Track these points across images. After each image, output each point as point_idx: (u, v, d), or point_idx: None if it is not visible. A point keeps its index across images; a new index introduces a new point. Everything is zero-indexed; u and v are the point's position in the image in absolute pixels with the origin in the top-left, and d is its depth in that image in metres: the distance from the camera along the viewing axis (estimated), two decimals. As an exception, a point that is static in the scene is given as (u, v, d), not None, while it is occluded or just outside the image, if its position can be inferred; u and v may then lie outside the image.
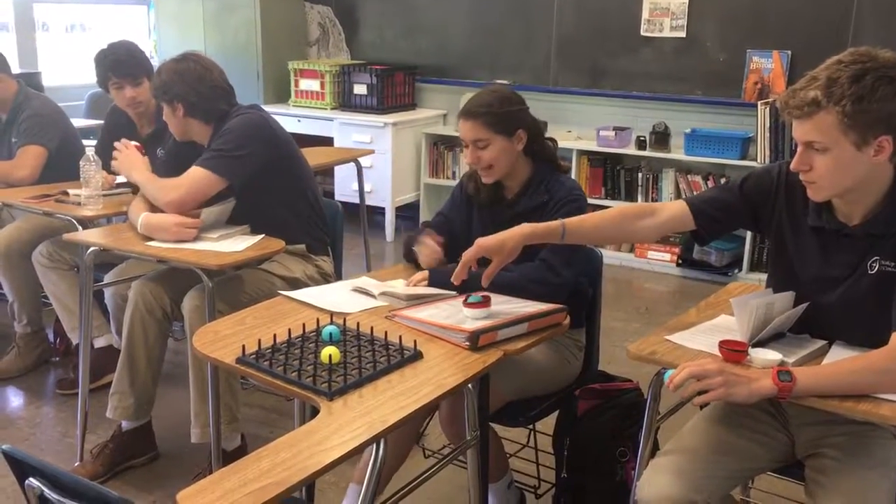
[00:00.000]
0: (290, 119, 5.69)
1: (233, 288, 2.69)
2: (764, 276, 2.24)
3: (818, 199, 1.79)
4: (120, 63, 3.25)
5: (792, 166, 1.75)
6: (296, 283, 2.71)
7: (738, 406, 1.94)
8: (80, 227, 2.98)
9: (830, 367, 1.70)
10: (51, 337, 3.69)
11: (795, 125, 1.71)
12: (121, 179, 3.19)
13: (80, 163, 3.05)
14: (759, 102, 4.76)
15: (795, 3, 4.79)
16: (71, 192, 3.15)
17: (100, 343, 3.35)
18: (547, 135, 2.51)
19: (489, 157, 2.35)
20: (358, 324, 1.98)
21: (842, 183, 1.72)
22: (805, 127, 1.69)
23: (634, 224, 2.03)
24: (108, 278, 3.09)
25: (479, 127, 2.34)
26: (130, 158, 2.92)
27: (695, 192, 4.98)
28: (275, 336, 1.89)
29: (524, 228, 2.02)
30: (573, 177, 5.28)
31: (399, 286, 2.30)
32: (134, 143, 2.99)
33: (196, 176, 2.70)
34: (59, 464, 2.77)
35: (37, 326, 3.57)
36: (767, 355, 1.76)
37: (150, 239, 2.66)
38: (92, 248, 2.73)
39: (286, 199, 2.82)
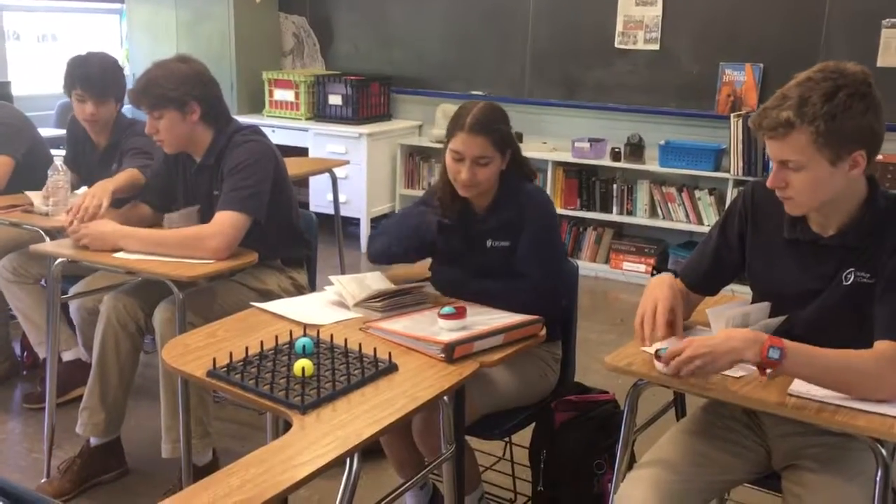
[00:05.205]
0: (265, 129, 5.53)
1: (205, 300, 2.64)
2: (738, 288, 2.24)
3: (795, 214, 1.80)
4: (90, 77, 3.14)
5: (768, 184, 1.75)
6: (269, 296, 2.67)
7: (716, 418, 1.94)
8: (47, 238, 2.92)
9: (823, 361, 1.65)
10: (18, 351, 3.62)
11: (770, 144, 1.71)
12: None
13: (49, 172, 2.99)
14: (731, 115, 4.79)
15: (767, 16, 4.84)
16: (31, 195, 3.09)
17: (68, 357, 3.29)
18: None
19: (485, 176, 2.23)
20: (332, 336, 1.96)
21: (818, 198, 1.73)
22: (779, 146, 1.69)
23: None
24: (73, 290, 3.03)
25: (487, 144, 2.20)
26: (118, 230, 2.62)
27: (670, 206, 5.06)
28: (247, 349, 1.85)
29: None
30: (548, 189, 5.29)
31: (376, 279, 2.29)
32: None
33: (230, 221, 2.56)
34: (25, 480, 2.72)
35: (4, 344, 3.50)
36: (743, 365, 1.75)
37: (119, 250, 2.62)
38: (59, 260, 2.67)
39: (273, 218, 2.73)
